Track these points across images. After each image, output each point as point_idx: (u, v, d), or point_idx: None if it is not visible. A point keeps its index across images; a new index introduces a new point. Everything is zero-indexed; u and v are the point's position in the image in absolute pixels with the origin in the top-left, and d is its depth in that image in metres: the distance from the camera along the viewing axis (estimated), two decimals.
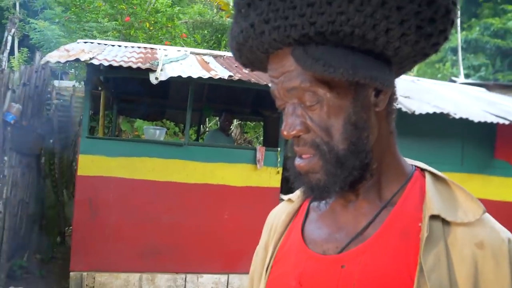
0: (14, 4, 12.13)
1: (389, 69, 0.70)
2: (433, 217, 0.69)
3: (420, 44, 0.67)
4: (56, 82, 8.32)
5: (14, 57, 10.59)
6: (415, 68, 14.70)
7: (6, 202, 4.39)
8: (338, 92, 0.68)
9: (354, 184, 0.73)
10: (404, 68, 0.75)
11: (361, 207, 0.76)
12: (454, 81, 8.78)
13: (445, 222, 0.70)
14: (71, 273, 4.19)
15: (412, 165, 0.81)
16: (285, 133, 0.71)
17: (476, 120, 4.37)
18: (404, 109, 4.28)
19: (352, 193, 0.76)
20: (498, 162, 5.07)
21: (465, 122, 4.41)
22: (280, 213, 0.89)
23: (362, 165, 0.71)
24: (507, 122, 4.45)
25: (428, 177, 0.76)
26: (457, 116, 4.33)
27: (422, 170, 0.79)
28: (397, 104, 0.79)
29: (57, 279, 4.68)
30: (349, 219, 0.77)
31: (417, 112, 4.24)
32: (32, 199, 5.40)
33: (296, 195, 0.87)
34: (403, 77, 6.94)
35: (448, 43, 18.23)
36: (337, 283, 0.72)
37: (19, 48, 11.55)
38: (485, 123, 4.40)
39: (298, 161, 0.72)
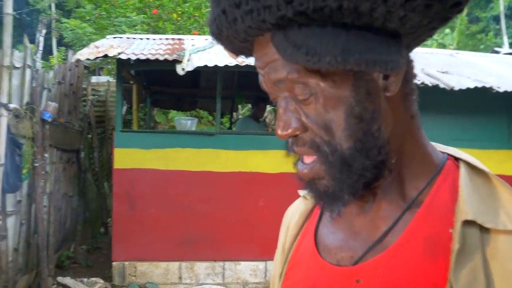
0: (50, 6, 12.53)
1: (396, 44, 0.55)
2: (468, 223, 0.56)
3: (434, 8, 0.53)
4: (94, 78, 8.55)
5: (53, 57, 10.99)
6: (454, 40, 14.03)
7: (50, 196, 4.58)
8: (334, 80, 0.56)
9: (369, 184, 0.61)
10: (420, 38, 0.60)
11: (380, 209, 0.64)
12: (498, 52, 8.31)
13: (484, 229, 0.56)
14: (114, 263, 4.33)
15: (443, 152, 0.66)
16: (279, 132, 0.60)
17: None
18: (442, 86, 4.08)
19: (369, 192, 0.64)
20: None
21: (510, 96, 4.16)
22: (295, 213, 0.79)
23: (375, 163, 0.59)
24: None
25: (463, 168, 0.62)
26: (501, 90, 4.08)
27: (457, 159, 0.65)
28: (426, 80, 0.65)
29: (102, 268, 4.85)
30: (365, 224, 0.65)
31: (456, 88, 4.04)
32: (75, 193, 5.62)
33: None
34: (440, 51, 6.64)
35: (490, 11, 17.25)
36: None
37: (57, 47, 11.97)
38: None
39: (300, 167, 0.61)
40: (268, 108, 9.45)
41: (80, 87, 5.65)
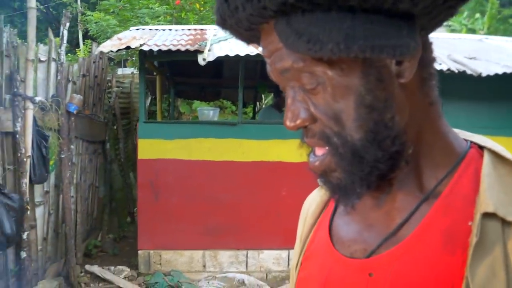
0: None
1: (408, 27, 0.51)
2: (488, 215, 0.53)
3: None
4: (119, 70, 8.68)
5: (79, 50, 11.20)
6: (485, 25, 13.55)
7: (77, 187, 4.70)
8: (342, 68, 0.53)
9: (384, 176, 0.58)
10: (437, 18, 0.55)
11: (396, 200, 0.61)
12: None
13: (506, 223, 0.52)
14: (139, 252, 4.42)
15: (467, 140, 0.63)
16: (287, 124, 0.58)
17: None
18: (469, 72, 3.95)
19: (385, 183, 0.61)
20: None
21: None
22: (312, 203, 0.77)
23: (390, 154, 0.56)
24: None
25: (487, 157, 0.58)
26: None
27: (482, 148, 0.61)
28: (440, 64, 0.60)
29: (128, 256, 4.96)
30: (380, 215, 0.62)
31: (484, 74, 3.90)
32: (101, 183, 5.74)
33: None
34: (468, 36, 6.42)
35: None
36: None
37: (83, 40, 12.18)
38: None
39: (312, 159, 0.60)
40: None
41: (105, 79, 5.74)
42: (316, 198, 0.76)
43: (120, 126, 6.31)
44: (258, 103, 8.53)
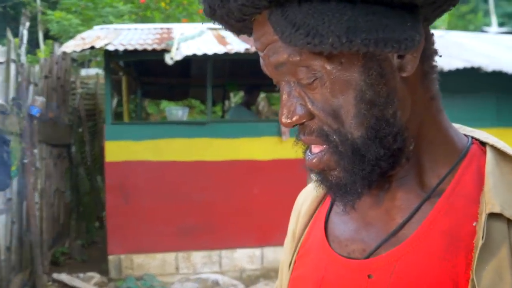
0: None
1: (412, 18, 0.49)
2: (494, 215, 0.50)
3: None
4: (83, 71, 8.43)
5: (40, 50, 10.81)
6: (445, 22, 14.00)
7: (41, 192, 4.53)
8: (341, 62, 0.50)
9: (384, 173, 0.56)
10: (441, 8, 0.53)
11: (396, 198, 0.58)
12: (486, 32, 8.30)
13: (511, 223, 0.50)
14: (110, 257, 4.32)
15: (468, 136, 0.61)
16: (283, 120, 0.54)
17: (510, 71, 4.11)
18: None
19: (383, 180, 0.58)
20: None
21: (499, 75, 4.15)
22: (307, 198, 0.73)
23: (391, 152, 0.53)
24: None
25: (489, 154, 0.56)
26: (489, 69, 4.09)
27: (484, 144, 0.59)
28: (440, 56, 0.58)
29: (98, 262, 4.84)
30: (379, 214, 0.59)
31: (446, 69, 4.03)
32: (67, 188, 5.57)
33: None
34: None
35: None
36: None
37: (44, 40, 11.77)
38: None
39: (308, 157, 0.56)
40: (261, 95, 9.41)
41: (68, 81, 5.57)
42: (311, 193, 0.72)
43: (86, 129, 6.14)
44: (227, 101, 8.50)
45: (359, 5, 0.47)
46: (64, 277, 4.20)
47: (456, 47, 4.99)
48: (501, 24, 13.53)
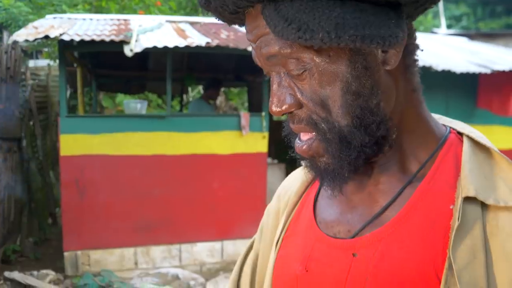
0: None
1: (396, 15, 0.52)
2: (469, 199, 0.55)
3: None
4: (31, 62, 8.05)
5: None
6: None
7: None
8: (329, 55, 0.53)
9: (367, 159, 0.60)
10: (423, 6, 0.57)
11: (379, 183, 0.62)
12: (436, 33, 8.71)
13: (485, 206, 0.55)
14: (65, 253, 4.19)
15: (446, 126, 0.66)
16: (273, 109, 0.58)
17: (458, 71, 4.36)
18: None
19: (367, 166, 0.62)
20: (480, 111, 5.11)
21: (447, 74, 4.39)
22: (295, 181, 0.77)
23: (375, 139, 0.58)
24: (489, 71, 4.44)
25: (466, 143, 0.61)
26: (439, 69, 4.30)
27: (461, 133, 0.64)
28: (422, 50, 0.62)
29: (52, 259, 4.68)
30: (364, 198, 0.63)
31: None
32: (18, 184, 5.33)
33: None
34: None
35: None
36: (347, 275, 0.60)
37: None
38: (468, 73, 4.39)
39: (298, 144, 0.60)
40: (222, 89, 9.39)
41: (19, 71, 5.31)
42: (300, 176, 0.76)
43: (37, 122, 5.88)
44: (185, 95, 8.42)
45: (348, 2, 0.50)
46: (16, 275, 4.03)
47: None
48: (449, 26, 14.23)
